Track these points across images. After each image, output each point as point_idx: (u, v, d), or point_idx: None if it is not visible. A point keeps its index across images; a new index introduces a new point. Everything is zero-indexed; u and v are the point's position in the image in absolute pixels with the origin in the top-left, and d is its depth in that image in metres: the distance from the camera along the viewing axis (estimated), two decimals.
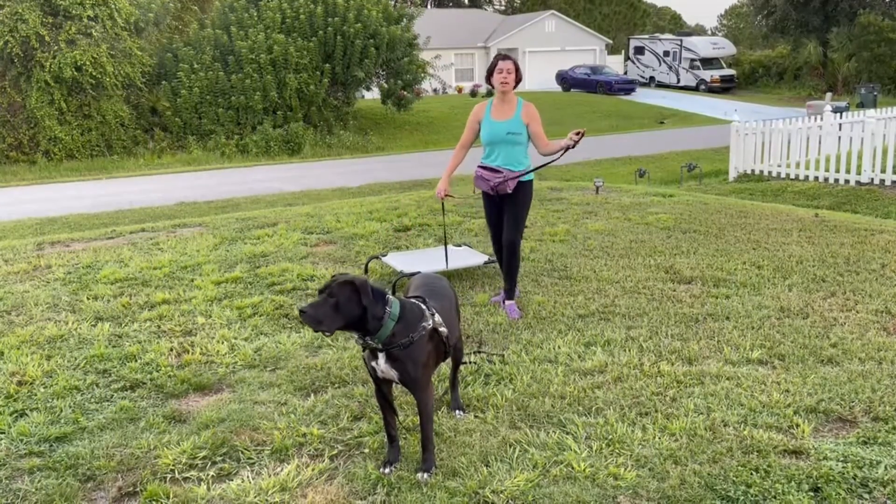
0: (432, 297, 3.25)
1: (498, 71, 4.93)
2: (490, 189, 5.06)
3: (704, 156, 18.31)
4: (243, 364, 4.34)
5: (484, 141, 5.09)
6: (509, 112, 5.01)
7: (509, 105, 5.03)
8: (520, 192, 5.05)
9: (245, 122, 22.50)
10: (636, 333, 4.65)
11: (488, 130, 5.03)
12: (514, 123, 4.99)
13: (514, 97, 5.06)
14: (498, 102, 5.05)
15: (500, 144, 5.02)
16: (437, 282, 3.53)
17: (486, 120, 5.05)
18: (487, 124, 5.04)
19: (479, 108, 5.13)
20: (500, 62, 4.96)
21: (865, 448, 3.24)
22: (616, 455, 3.23)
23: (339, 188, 14.26)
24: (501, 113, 5.02)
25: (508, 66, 4.93)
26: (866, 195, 11.06)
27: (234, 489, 3.03)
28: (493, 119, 5.03)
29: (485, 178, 5.08)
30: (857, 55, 36.63)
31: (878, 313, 4.89)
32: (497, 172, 5.02)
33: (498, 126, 5.00)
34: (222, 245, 7.35)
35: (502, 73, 4.91)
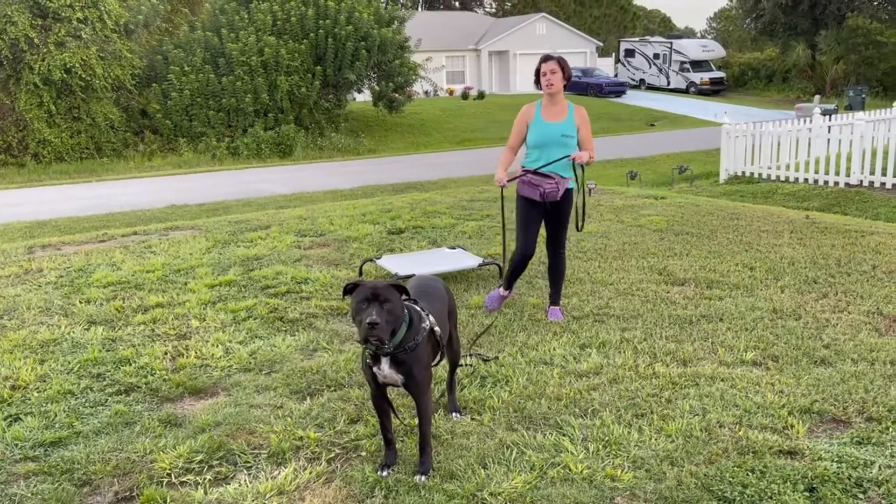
0: (425, 299, 3.23)
1: (542, 74, 4.74)
2: (540, 196, 4.79)
3: (695, 158, 18.40)
4: (238, 367, 4.33)
5: (533, 143, 4.82)
6: (562, 114, 4.81)
7: (560, 107, 4.82)
8: (567, 199, 4.90)
9: (236, 124, 22.45)
10: (631, 335, 4.67)
11: (540, 132, 4.78)
12: (568, 125, 4.79)
13: (564, 100, 4.85)
14: (548, 104, 4.83)
15: (550, 147, 4.76)
16: (431, 283, 3.50)
17: (537, 121, 4.81)
18: (538, 126, 4.80)
19: (528, 108, 4.89)
20: (543, 64, 4.75)
21: (860, 448, 3.26)
22: (613, 456, 3.24)
23: (332, 190, 14.25)
24: (553, 114, 4.81)
25: (552, 67, 4.71)
26: (856, 197, 11.14)
27: (232, 493, 3.02)
28: (544, 120, 4.80)
29: (534, 184, 4.77)
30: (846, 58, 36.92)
31: (869, 314, 4.92)
32: (548, 178, 4.76)
33: (551, 128, 4.78)
34: (215, 248, 7.33)
35: (546, 75, 4.72)
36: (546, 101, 4.84)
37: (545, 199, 4.81)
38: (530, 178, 4.80)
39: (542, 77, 4.75)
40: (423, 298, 3.23)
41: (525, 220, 4.96)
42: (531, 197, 4.83)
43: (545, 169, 4.78)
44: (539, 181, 4.77)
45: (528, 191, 4.83)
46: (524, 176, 4.84)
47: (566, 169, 4.81)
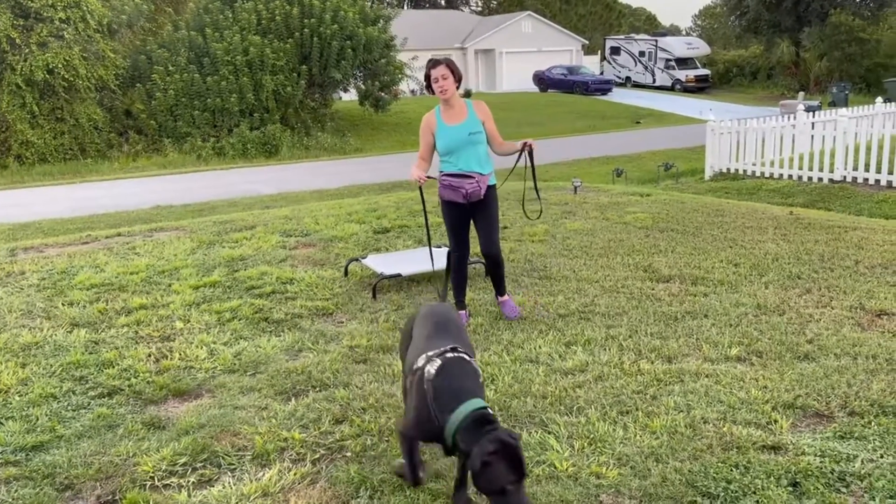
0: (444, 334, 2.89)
1: (434, 80, 4.62)
2: (463, 197, 4.73)
3: (681, 155, 18.47)
4: (223, 369, 4.30)
5: (444, 150, 4.72)
6: (462, 114, 4.73)
7: (458, 108, 4.74)
8: (490, 195, 4.84)
9: (221, 124, 22.31)
10: (616, 332, 4.68)
11: (447, 137, 4.69)
12: (472, 123, 4.71)
13: (461, 100, 4.80)
14: (445, 108, 4.74)
15: (463, 148, 4.68)
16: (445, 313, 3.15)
17: (441, 127, 4.71)
18: (443, 131, 4.70)
19: (429, 117, 4.78)
20: (432, 70, 4.62)
21: (842, 442, 3.29)
22: (598, 454, 3.25)
23: (318, 190, 14.19)
24: (453, 117, 4.72)
25: (443, 72, 4.58)
26: (839, 192, 11.22)
27: (216, 495, 3.00)
28: (447, 125, 4.70)
29: (454, 187, 4.71)
30: (829, 54, 37.18)
31: (852, 309, 4.96)
32: (468, 178, 4.69)
33: (455, 130, 4.69)
34: (200, 249, 7.28)
35: (437, 81, 4.60)
36: (443, 105, 4.74)
37: (469, 200, 4.74)
38: (450, 182, 4.71)
39: (433, 83, 4.63)
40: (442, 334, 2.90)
41: (453, 225, 4.87)
42: (454, 200, 4.72)
43: (465, 170, 4.70)
44: (459, 182, 4.69)
45: (451, 194, 4.72)
46: (444, 179, 4.74)
47: (485, 165, 4.76)
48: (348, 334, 4.80)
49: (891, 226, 7.71)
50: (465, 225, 4.92)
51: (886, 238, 6.86)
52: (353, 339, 4.70)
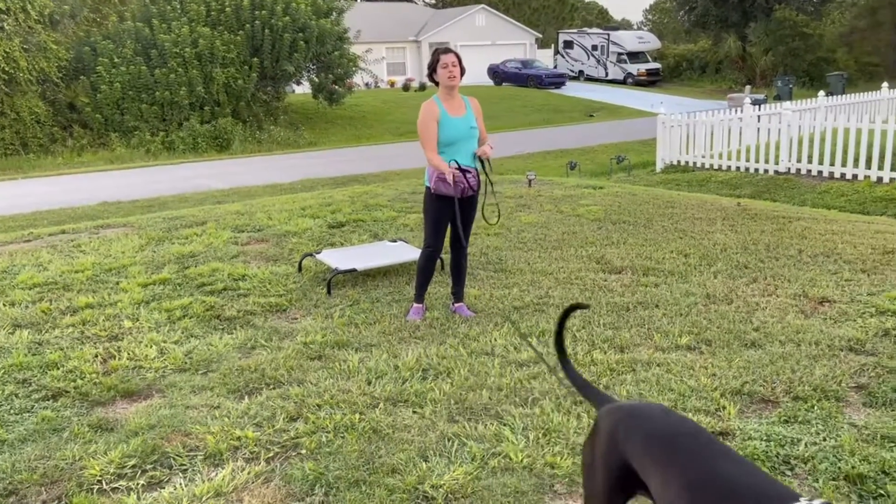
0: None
1: (443, 66, 4.58)
2: (461, 192, 4.68)
3: (633, 148, 18.76)
4: (174, 368, 4.22)
5: (446, 141, 4.66)
6: (462, 107, 4.73)
7: (458, 100, 4.74)
8: (476, 193, 4.86)
9: (171, 117, 21.83)
10: (570, 323, 4.73)
11: (451, 129, 4.64)
12: (470, 117, 4.73)
13: (458, 93, 4.76)
14: (447, 98, 4.68)
15: (462, 142, 4.67)
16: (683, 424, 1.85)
17: (445, 118, 4.63)
18: (447, 123, 4.63)
19: (431, 105, 4.65)
20: (443, 56, 4.61)
21: (787, 427, 3.38)
22: (552, 444, 3.28)
23: (271, 184, 14.00)
24: (455, 109, 4.68)
25: (452, 60, 4.59)
26: (784, 184, 11.54)
27: (167, 497, 2.94)
28: (451, 116, 4.65)
29: (455, 181, 4.63)
30: (774, 49, 38.19)
31: (796, 297, 5.11)
32: (467, 172, 4.69)
33: (458, 122, 4.68)
34: (149, 245, 7.11)
35: (447, 67, 4.57)
36: (445, 95, 4.67)
37: (464, 195, 4.74)
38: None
39: (442, 69, 4.58)
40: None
41: (437, 220, 4.80)
42: (449, 194, 4.67)
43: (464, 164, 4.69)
44: (459, 177, 4.67)
45: (449, 188, 4.65)
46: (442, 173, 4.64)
47: (475, 160, 4.79)
48: (302, 331, 4.75)
49: (832, 216, 7.96)
50: (447, 223, 4.85)
51: (828, 228, 7.08)
52: (307, 335, 4.65)
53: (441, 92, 4.70)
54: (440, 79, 4.65)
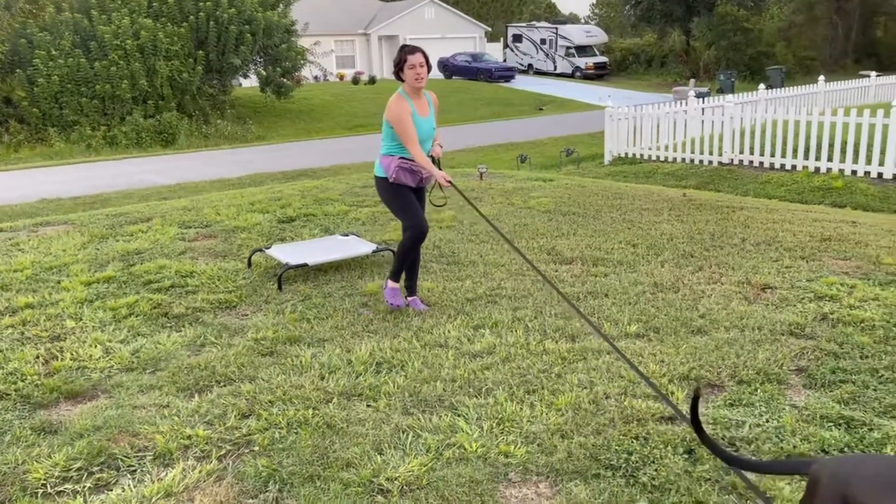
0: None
1: (410, 66, 4.51)
2: (419, 181, 4.76)
3: (581, 140, 19.00)
4: (120, 367, 4.11)
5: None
6: (426, 107, 4.72)
7: (424, 100, 4.71)
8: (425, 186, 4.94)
9: (112, 112, 21.21)
10: (522, 314, 4.78)
11: (420, 128, 4.62)
12: (433, 118, 4.75)
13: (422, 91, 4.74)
14: (414, 97, 4.64)
15: (425, 142, 4.71)
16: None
17: (415, 117, 4.59)
18: (417, 123, 4.60)
19: (402, 102, 4.56)
20: (410, 56, 4.52)
21: (732, 410, 3.49)
22: (506, 433, 3.31)
23: (218, 180, 13.75)
24: (422, 108, 4.68)
25: (420, 60, 4.52)
26: (727, 174, 11.84)
27: (114, 499, 2.88)
28: (419, 117, 4.62)
29: (413, 171, 4.69)
30: (716, 43, 39.10)
31: (739, 284, 5.26)
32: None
33: (425, 123, 4.67)
34: (91, 243, 6.91)
35: (415, 68, 4.50)
36: (411, 93, 4.63)
37: (421, 185, 4.81)
38: (410, 165, 4.69)
39: (409, 70, 4.51)
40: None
41: (406, 202, 4.77)
42: (408, 184, 4.70)
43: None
44: (419, 168, 4.71)
45: (408, 178, 4.69)
46: (403, 163, 4.68)
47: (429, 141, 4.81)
48: (253, 327, 4.69)
49: (773, 205, 8.21)
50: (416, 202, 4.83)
51: (769, 217, 7.30)
52: (258, 331, 4.59)
53: (408, 89, 4.64)
54: (407, 79, 4.58)
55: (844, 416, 3.36)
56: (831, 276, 5.35)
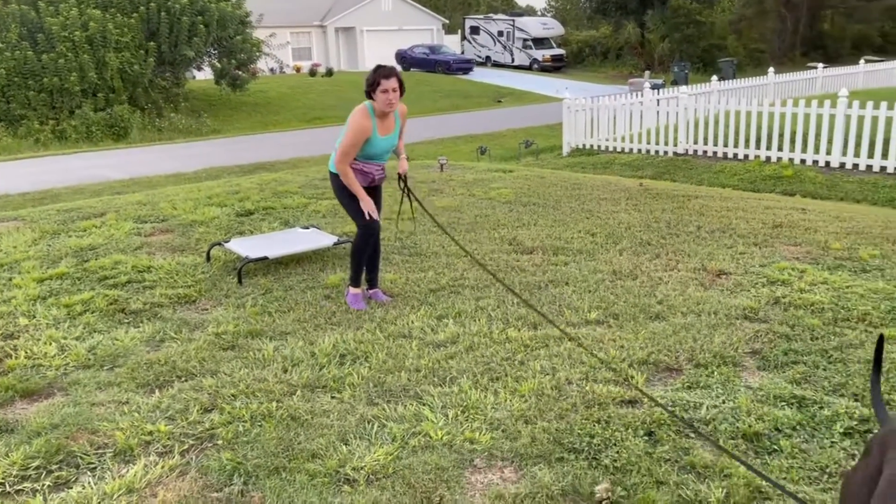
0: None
1: (383, 91, 4.43)
2: (370, 182, 4.77)
3: (540, 132, 19.14)
4: (76, 364, 4.03)
5: (368, 154, 4.67)
6: (391, 125, 4.71)
7: (391, 119, 4.69)
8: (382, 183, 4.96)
9: (61, 105, 20.62)
10: (485, 303, 4.82)
11: (376, 147, 4.65)
12: (395, 135, 4.76)
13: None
14: (381, 117, 4.60)
15: (379, 157, 4.75)
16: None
17: (374, 138, 4.60)
18: (375, 142, 4.62)
19: (364, 121, 4.53)
20: (384, 81, 4.42)
21: (690, 392, 3.58)
22: (471, 420, 3.34)
23: (174, 174, 13.48)
24: (385, 128, 4.67)
25: (394, 86, 4.43)
26: (683, 164, 12.07)
27: (75, 497, 2.82)
28: (380, 136, 4.63)
29: (364, 172, 4.71)
30: (670, 36, 39.73)
31: (695, 270, 5.38)
32: (377, 166, 4.77)
33: (384, 141, 4.68)
34: (43, 239, 6.73)
35: (388, 93, 4.43)
36: (379, 114, 4.59)
37: (372, 184, 4.81)
38: (362, 167, 4.70)
39: (382, 94, 4.44)
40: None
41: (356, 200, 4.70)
42: (366, 185, 4.72)
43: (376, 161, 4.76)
44: (370, 168, 4.73)
45: (360, 178, 4.69)
46: (355, 164, 4.67)
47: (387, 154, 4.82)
48: (214, 321, 4.63)
49: (727, 194, 8.41)
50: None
51: (723, 205, 7.48)
52: (219, 325, 4.54)
53: (377, 108, 4.57)
54: (377, 102, 4.51)
55: (796, 395, 3.48)
56: (783, 261, 5.51)
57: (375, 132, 4.60)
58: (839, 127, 10.76)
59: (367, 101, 4.59)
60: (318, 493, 2.83)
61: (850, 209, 7.81)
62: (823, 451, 3.04)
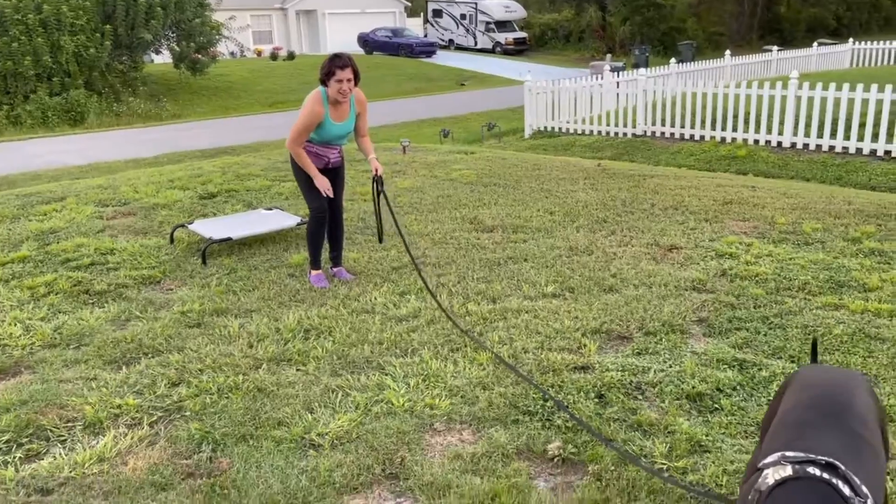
0: (832, 426, 1.80)
1: (337, 80, 4.51)
2: (326, 165, 4.87)
3: (503, 115, 19.27)
4: (42, 344, 4.08)
5: (320, 138, 4.77)
6: (346, 112, 4.78)
7: (346, 106, 4.77)
8: (342, 164, 5.06)
9: (15, 90, 20.15)
10: (446, 280, 4.96)
11: (328, 133, 4.75)
12: (351, 122, 4.84)
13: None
14: (335, 104, 4.69)
15: (333, 142, 4.85)
16: (842, 385, 1.99)
17: (326, 123, 4.69)
18: (327, 126, 4.71)
19: (317, 106, 4.61)
20: (339, 71, 4.50)
21: (639, 358, 3.77)
22: (431, 388, 3.49)
23: (133, 159, 13.34)
24: (339, 115, 4.75)
25: (348, 76, 4.52)
26: (641, 145, 12.33)
27: (46, 467, 2.91)
28: (333, 121, 4.71)
29: (319, 155, 4.82)
30: (631, 19, 40.09)
31: (648, 246, 5.59)
32: (333, 149, 4.89)
33: (337, 128, 4.76)
34: (2, 224, 6.68)
35: (342, 83, 4.51)
36: (332, 101, 4.67)
37: (329, 166, 4.92)
38: (316, 150, 4.80)
39: (336, 83, 4.53)
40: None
41: (311, 183, 4.81)
42: (317, 166, 4.80)
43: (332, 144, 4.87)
44: (325, 152, 4.85)
45: (316, 161, 4.80)
46: (308, 146, 4.77)
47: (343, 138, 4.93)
48: (179, 300, 4.70)
49: (681, 173, 8.65)
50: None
51: (677, 184, 7.71)
52: (184, 304, 4.61)
53: (331, 98, 4.65)
54: (331, 91, 4.59)
55: (738, 358, 3.70)
56: (731, 235, 5.75)
57: (328, 118, 4.69)
58: (790, 108, 11.09)
59: (321, 86, 4.67)
60: (284, 457, 2.96)
61: (797, 186, 8.11)
62: (760, 408, 3.26)
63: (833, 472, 1.59)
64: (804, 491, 1.58)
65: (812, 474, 1.59)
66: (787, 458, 1.67)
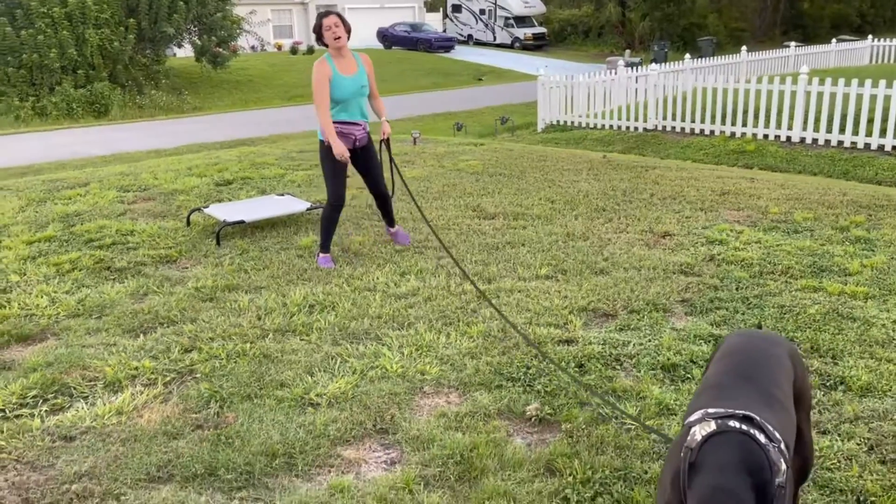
0: (745, 385, 2.02)
1: (326, 28, 4.87)
2: (353, 143, 5.10)
3: (518, 110, 19.45)
4: (66, 314, 4.39)
5: (339, 98, 4.96)
6: (353, 66, 5.03)
7: (350, 59, 5.02)
8: (370, 141, 5.28)
9: (41, 82, 20.69)
10: (445, 262, 5.22)
11: (342, 88, 4.93)
12: (362, 76, 5.05)
13: (350, 52, 5.05)
14: (337, 57, 4.95)
15: (354, 99, 5.03)
16: (758, 349, 2.20)
17: (337, 77, 4.91)
18: (339, 81, 4.92)
19: (322, 65, 4.89)
20: (325, 20, 4.89)
21: (621, 333, 4.00)
22: (424, 357, 3.76)
23: (155, 150, 13.72)
24: (346, 68, 4.96)
25: (335, 21, 4.88)
26: (652, 140, 12.49)
27: (70, 418, 3.21)
28: (342, 75, 4.93)
29: (345, 134, 5.02)
30: (651, 14, 40.00)
31: (642, 233, 5.80)
32: (357, 125, 5.10)
33: (350, 81, 4.97)
34: (30, 206, 7.04)
35: (331, 29, 4.86)
36: (335, 55, 4.96)
37: (357, 146, 5.16)
38: (341, 129, 5.03)
39: (326, 31, 4.88)
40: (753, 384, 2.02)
41: (335, 171, 5.07)
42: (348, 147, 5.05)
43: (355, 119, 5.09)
44: (350, 130, 5.08)
45: (343, 141, 5.02)
46: (337, 127, 5.01)
47: (367, 114, 5.18)
48: (193, 277, 5.00)
49: (684, 165, 8.83)
50: (345, 174, 5.18)
51: (678, 175, 7.90)
52: (198, 281, 4.91)
53: (331, 52, 4.99)
54: (327, 41, 4.95)
55: (714, 334, 3.92)
56: (724, 223, 5.95)
57: (336, 71, 4.94)
58: (800, 103, 11.19)
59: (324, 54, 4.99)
60: (284, 413, 3.24)
61: (796, 179, 8.26)
62: None
63: (750, 423, 1.82)
64: (728, 443, 1.79)
65: (732, 427, 1.81)
66: (709, 414, 1.88)
